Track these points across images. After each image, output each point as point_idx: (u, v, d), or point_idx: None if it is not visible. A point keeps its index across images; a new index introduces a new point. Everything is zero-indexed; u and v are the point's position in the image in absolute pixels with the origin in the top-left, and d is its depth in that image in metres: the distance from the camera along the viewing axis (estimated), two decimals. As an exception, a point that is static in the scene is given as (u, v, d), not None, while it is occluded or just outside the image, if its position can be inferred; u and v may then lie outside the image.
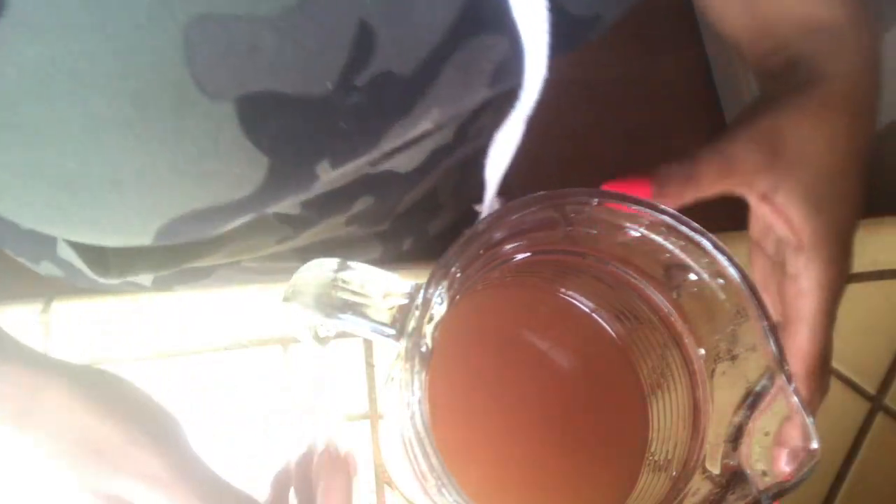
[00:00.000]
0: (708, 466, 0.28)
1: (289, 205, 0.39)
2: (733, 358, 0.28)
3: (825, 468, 0.43)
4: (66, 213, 0.30)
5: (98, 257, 0.42)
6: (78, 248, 0.41)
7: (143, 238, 0.32)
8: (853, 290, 0.46)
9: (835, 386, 0.44)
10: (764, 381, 0.26)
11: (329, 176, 0.32)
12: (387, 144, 0.32)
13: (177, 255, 0.42)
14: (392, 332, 0.25)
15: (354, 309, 0.25)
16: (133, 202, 0.29)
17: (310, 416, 0.41)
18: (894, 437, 0.44)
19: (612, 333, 0.34)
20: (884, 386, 0.45)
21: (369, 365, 0.42)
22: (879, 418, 0.44)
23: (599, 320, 0.35)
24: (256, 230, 0.42)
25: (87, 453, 0.27)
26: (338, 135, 0.29)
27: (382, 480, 0.40)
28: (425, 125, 0.33)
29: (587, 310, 0.35)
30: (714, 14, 0.41)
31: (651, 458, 0.32)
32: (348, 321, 0.25)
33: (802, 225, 0.32)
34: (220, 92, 0.25)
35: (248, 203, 0.31)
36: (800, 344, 0.33)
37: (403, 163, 0.41)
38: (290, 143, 0.28)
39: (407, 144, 0.37)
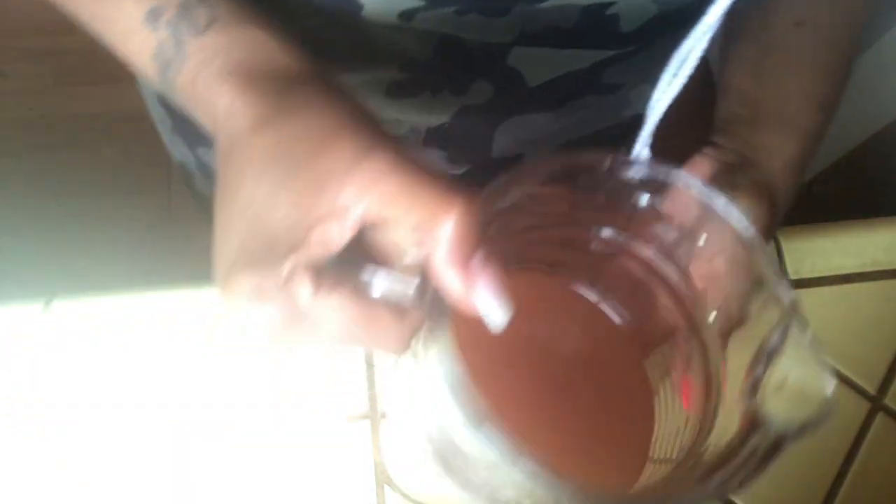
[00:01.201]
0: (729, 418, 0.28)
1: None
2: (746, 319, 0.29)
3: (825, 468, 0.43)
4: None
5: None
6: None
7: None
8: (853, 290, 0.46)
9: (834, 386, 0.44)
10: (778, 334, 0.26)
11: None
12: None
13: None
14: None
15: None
16: None
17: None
18: (894, 437, 0.44)
19: (619, 318, 0.35)
20: (884, 386, 0.45)
21: (369, 365, 0.42)
22: (879, 418, 0.44)
23: (606, 305, 0.35)
24: (374, 60, 0.41)
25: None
26: None
27: (382, 480, 0.40)
28: None
29: (595, 291, 0.35)
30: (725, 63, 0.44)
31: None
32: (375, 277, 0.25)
33: None
34: None
35: None
36: None
37: (532, 69, 0.42)
38: None
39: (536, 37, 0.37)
